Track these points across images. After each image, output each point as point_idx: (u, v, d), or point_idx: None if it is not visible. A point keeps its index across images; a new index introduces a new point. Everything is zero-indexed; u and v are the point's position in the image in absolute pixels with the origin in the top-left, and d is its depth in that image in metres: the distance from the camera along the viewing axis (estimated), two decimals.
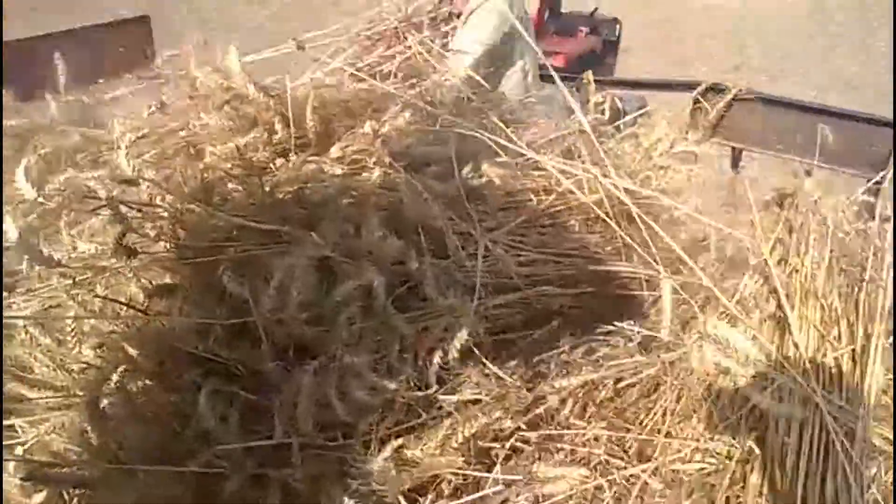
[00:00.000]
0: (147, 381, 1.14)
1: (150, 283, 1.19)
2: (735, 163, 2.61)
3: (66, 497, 1.13)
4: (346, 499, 1.02)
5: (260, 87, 1.39)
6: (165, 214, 1.15)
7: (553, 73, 1.74)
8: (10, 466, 1.13)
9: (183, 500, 1.04)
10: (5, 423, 1.18)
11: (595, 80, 2.15)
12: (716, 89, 2.38)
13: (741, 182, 2.60)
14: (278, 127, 1.38)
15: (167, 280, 1.17)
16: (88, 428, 1.10)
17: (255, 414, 1.10)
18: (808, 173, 1.90)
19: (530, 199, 1.47)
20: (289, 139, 1.37)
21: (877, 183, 2.18)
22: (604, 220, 1.54)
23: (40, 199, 1.05)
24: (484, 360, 1.21)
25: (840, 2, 7.87)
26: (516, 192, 1.46)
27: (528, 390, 1.21)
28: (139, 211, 1.12)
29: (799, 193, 1.63)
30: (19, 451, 1.18)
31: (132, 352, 1.14)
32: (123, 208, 1.09)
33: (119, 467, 1.03)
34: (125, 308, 1.16)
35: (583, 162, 1.62)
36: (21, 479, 1.09)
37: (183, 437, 1.09)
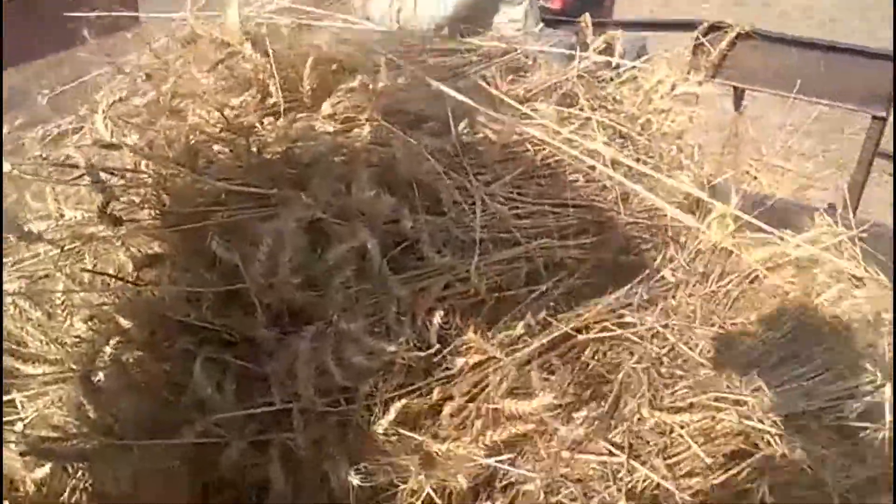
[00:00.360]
0: (139, 352, 1.11)
1: (139, 251, 1.16)
2: (738, 103, 2.56)
3: (69, 471, 1.12)
4: (351, 473, 1.00)
5: (259, 48, 1.33)
6: (149, 181, 1.11)
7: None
8: (11, 442, 1.12)
9: (180, 471, 1.03)
10: (5, 398, 1.16)
11: (594, 23, 2.09)
12: (718, 27, 2.31)
13: (743, 122, 2.56)
14: (273, 90, 1.33)
15: (155, 248, 1.14)
16: (84, 402, 1.08)
17: (251, 381, 1.08)
18: None
19: (527, 150, 1.43)
20: (283, 101, 1.33)
21: (881, 118, 2.14)
22: (604, 167, 1.50)
23: (15, 171, 1.01)
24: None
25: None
26: (513, 144, 1.42)
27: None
28: (122, 178, 1.08)
29: None
30: (20, 426, 1.16)
31: (124, 323, 1.11)
32: (105, 175, 1.05)
33: (113, 441, 1.01)
34: (114, 279, 1.13)
35: (581, 109, 1.58)
36: (21, 453, 1.08)
37: (178, 406, 1.06)
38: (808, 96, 2.27)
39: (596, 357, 1.31)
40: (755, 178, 2.83)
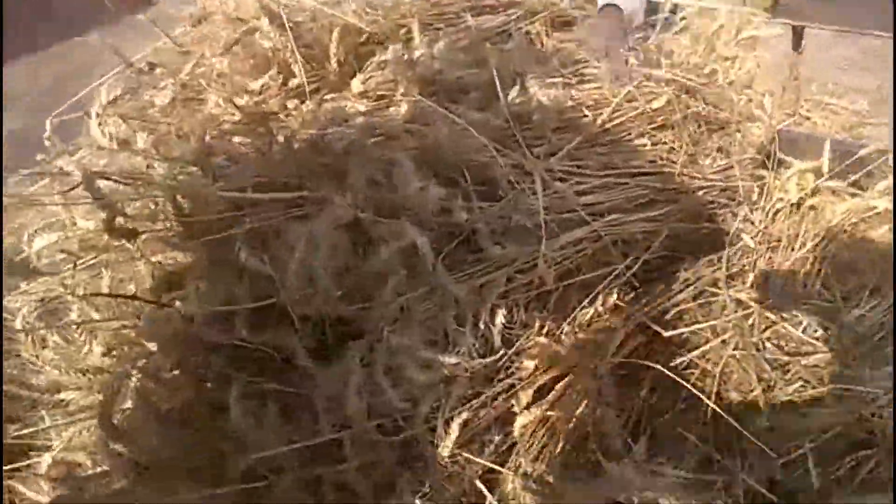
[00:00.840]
0: (168, 378, 0.97)
1: (159, 262, 1.02)
2: (797, 42, 2.34)
3: None
4: (416, 502, 0.86)
5: (277, 22, 1.18)
6: (162, 184, 0.96)
7: None
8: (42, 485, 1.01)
9: None
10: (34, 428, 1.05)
11: None
12: None
13: (804, 64, 2.34)
14: (295, 69, 1.18)
15: (177, 258, 1.00)
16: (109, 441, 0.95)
17: (294, 406, 0.94)
18: None
19: (585, 116, 1.26)
20: (307, 81, 1.18)
21: None
22: (671, 127, 1.34)
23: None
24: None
25: None
26: (568, 109, 1.25)
27: None
28: (127, 185, 0.93)
29: None
30: (48, 458, 1.04)
31: (148, 345, 0.97)
32: (109, 184, 0.90)
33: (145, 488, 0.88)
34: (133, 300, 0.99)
35: (638, 63, 1.41)
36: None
37: (214, 437, 0.93)
38: (869, 29, 2.06)
39: (679, 346, 1.16)
40: (808, 118, 2.62)
